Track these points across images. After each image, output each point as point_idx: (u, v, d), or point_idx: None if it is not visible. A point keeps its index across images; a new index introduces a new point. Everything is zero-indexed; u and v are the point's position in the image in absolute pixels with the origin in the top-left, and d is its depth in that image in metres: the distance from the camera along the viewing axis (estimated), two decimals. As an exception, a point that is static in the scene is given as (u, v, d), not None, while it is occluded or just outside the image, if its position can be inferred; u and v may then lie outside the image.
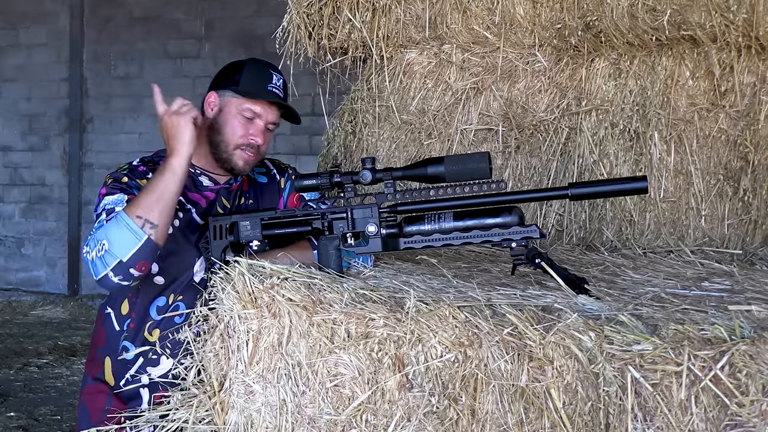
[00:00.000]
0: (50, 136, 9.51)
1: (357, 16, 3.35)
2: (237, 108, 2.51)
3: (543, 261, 2.06)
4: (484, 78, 3.32)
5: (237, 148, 2.50)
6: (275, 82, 2.54)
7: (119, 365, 2.49)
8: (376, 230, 2.20)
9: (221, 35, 8.70)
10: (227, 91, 2.53)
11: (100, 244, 2.22)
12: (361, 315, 1.92)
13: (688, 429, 1.62)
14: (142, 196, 2.26)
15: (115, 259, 2.20)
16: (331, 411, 1.95)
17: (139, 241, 2.21)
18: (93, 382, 2.55)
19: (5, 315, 8.52)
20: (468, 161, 2.13)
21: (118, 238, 2.21)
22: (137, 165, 2.54)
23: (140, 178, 2.46)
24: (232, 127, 2.50)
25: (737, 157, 2.98)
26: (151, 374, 2.45)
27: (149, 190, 2.26)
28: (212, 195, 2.56)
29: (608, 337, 1.69)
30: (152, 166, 2.52)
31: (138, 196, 2.28)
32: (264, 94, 2.51)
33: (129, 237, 2.21)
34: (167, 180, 2.27)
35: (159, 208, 2.24)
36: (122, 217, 2.22)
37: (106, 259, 2.21)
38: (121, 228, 2.21)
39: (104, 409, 2.48)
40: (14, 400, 5.68)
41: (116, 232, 2.21)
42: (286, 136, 8.47)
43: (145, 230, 2.21)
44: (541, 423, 1.76)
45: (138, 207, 2.23)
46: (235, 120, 2.50)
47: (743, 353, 1.57)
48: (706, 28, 2.90)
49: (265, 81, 2.53)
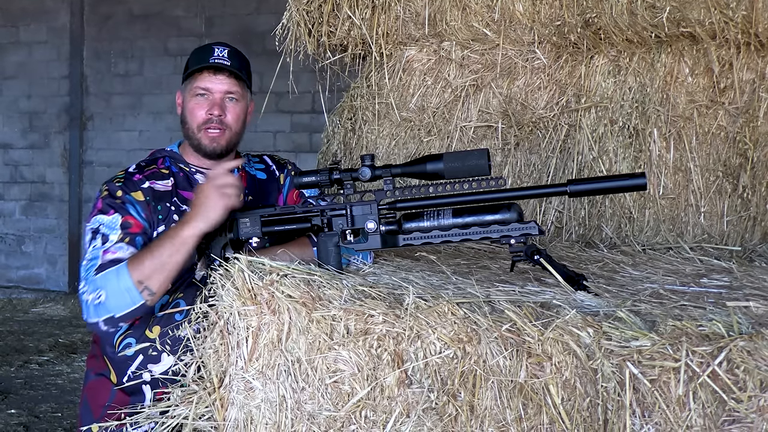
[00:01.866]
0: (50, 134, 9.51)
1: (356, 13, 3.35)
2: (189, 93, 2.54)
3: (542, 257, 2.06)
4: (483, 75, 3.32)
5: (200, 129, 2.53)
6: (218, 54, 2.53)
7: (121, 360, 2.49)
8: (375, 227, 2.20)
9: (221, 33, 8.68)
10: (182, 85, 2.59)
11: (96, 293, 2.27)
12: (361, 311, 1.92)
13: (686, 425, 1.62)
14: (147, 260, 2.26)
15: (109, 314, 2.28)
16: (331, 407, 1.95)
17: (135, 304, 2.28)
18: (95, 378, 2.56)
19: (6, 312, 8.52)
20: (467, 158, 2.13)
21: (115, 295, 2.26)
22: (133, 172, 2.54)
23: (134, 190, 2.47)
24: (190, 112, 2.54)
25: (736, 154, 2.98)
26: (152, 371, 2.45)
27: (155, 256, 2.26)
28: None
29: (606, 333, 1.69)
30: (148, 171, 2.54)
31: (143, 257, 2.28)
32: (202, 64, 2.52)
33: (126, 299, 2.26)
34: (175, 251, 2.26)
35: (161, 278, 2.27)
36: (123, 277, 2.26)
37: (99, 310, 2.28)
38: (121, 288, 2.26)
39: (105, 404, 2.49)
40: (15, 398, 5.68)
41: (115, 289, 2.26)
42: (286, 133, 8.47)
43: (143, 296, 2.27)
44: (539, 419, 1.76)
45: (141, 271, 2.25)
46: (190, 103, 2.54)
47: (741, 349, 1.57)
48: (706, 25, 2.90)
49: (206, 56, 2.54)
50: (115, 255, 2.35)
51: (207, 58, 2.53)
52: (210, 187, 2.27)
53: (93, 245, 2.37)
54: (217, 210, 2.25)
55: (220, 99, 2.52)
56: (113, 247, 2.36)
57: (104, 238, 2.37)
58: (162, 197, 2.51)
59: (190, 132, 2.55)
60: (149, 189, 2.50)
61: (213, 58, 2.52)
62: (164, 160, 2.61)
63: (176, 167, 2.59)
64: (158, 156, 2.63)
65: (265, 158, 2.74)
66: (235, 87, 2.54)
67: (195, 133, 2.53)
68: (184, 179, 2.56)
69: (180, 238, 2.26)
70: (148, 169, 2.56)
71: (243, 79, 2.56)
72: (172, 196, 2.52)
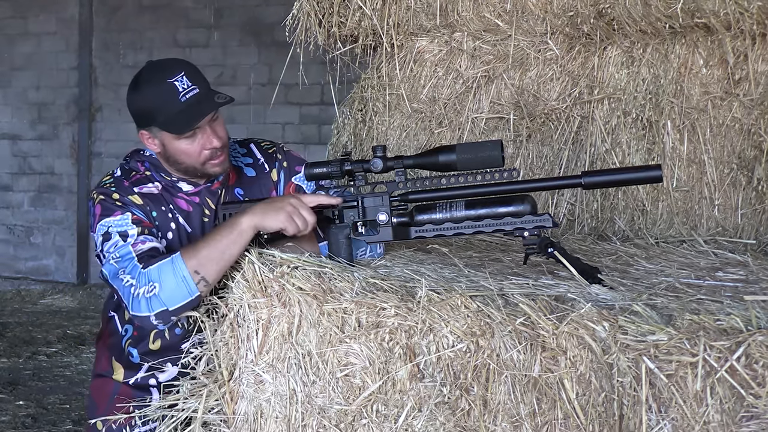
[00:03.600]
0: (59, 125, 9.51)
1: (367, 3, 3.33)
2: (175, 139, 2.32)
3: (555, 250, 2.04)
4: (495, 66, 3.29)
5: (204, 163, 2.36)
6: (183, 88, 2.29)
7: (128, 365, 2.48)
8: (386, 219, 2.18)
9: (230, 24, 8.67)
10: (153, 127, 2.35)
11: (150, 285, 2.13)
12: (372, 304, 1.91)
13: (704, 420, 1.60)
14: (204, 249, 2.15)
15: (162, 307, 2.13)
16: (342, 401, 1.94)
17: (191, 296, 2.14)
18: (98, 376, 2.56)
19: (14, 304, 8.54)
20: (480, 149, 2.11)
21: (170, 286, 2.13)
22: (120, 177, 2.41)
23: (130, 194, 2.35)
24: (185, 154, 2.34)
25: (751, 146, 2.95)
26: (159, 378, 2.44)
27: (212, 245, 2.15)
28: (196, 198, 2.44)
29: (622, 327, 1.67)
30: (134, 177, 2.41)
31: (199, 246, 2.17)
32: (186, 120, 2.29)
33: (182, 290, 2.13)
34: (233, 241, 2.15)
35: (218, 267, 2.15)
36: (179, 266, 2.14)
37: (152, 303, 2.13)
38: (177, 277, 2.13)
39: (111, 396, 2.47)
40: (23, 389, 5.69)
41: (170, 279, 2.13)
42: (295, 125, 8.45)
43: (199, 287, 2.14)
44: (553, 414, 1.74)
45: (197, 259, 2.14)
46: (181, 147, 2.33)
47: (760, 344, 1.55)
48: (720, 16, 2.87)
49: (174, 96, 2.29)
50: (147, 245, 2.24)
51: (178, 99, 2.28)
52: (291, 203, 2.17)
53: (114, 245, 2.24)
54: (279, 221, 2.15)
55: (210, 130, 2.32)
56: (140, 239, 2.25)
57: (123, 235, 2.25)
58: (155, 201, 2.39)
59: (190, 169, 2.38)
60: (141, 194, 2.37)
61: (183, 96, 2.28)
62: (144, 164, 2.44)
63: (158, 175, 2.43)
64: (137, 160, 2.46)
65: (251, 148, 2.58)
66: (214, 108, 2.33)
67: (196, 168, 2.36)
68: (165, 191, 2.42)
69: (239, 228, 2.15)
70: (133, 174, 2.42)
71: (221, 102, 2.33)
72: (167, 202, 2.41)
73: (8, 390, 5.61)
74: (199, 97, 2.30)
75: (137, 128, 2.41)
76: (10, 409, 5.26)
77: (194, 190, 2.44)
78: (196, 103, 2.30)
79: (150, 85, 2.34)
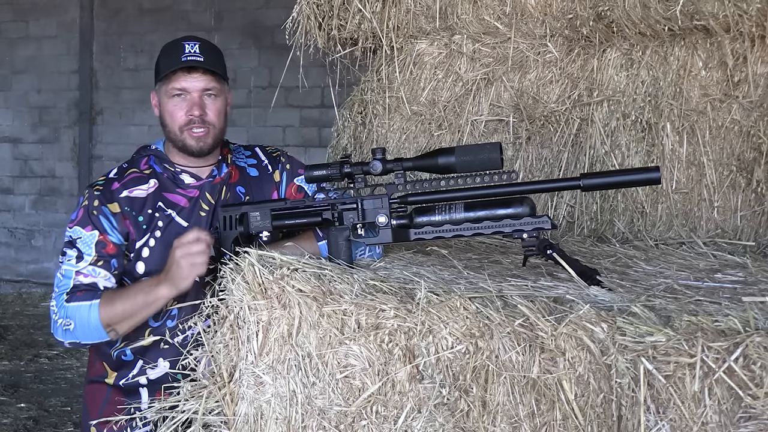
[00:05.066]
0: (60, 128, 9.52)
1: (367, 6, 3.33)
2: (166, 94, 2.47)
3: (554, 252, 2.05)
4: (494, 69, 3.30)
5: (183, 130, 2.46)
6: (189, 50, 2.44)
7: (119, 365, 2.50)
8: (386, 221, 2.18)
9: (231, 27, 8.68)
10: (156, 85, 2.52)
11: (66, 321, 2.36)
12: (372, 306, 1.91)
13: (702, 421, 1.60)
14: (119, 307, 2.33)
15: (76, 340, 2.38)
16: (341, 402, 1.94)
17: (101, 339, 2.39)
18: (90, 382, 2.57)
19: (16, 306, 8.54)
20: (479, 151, 2.11)
21: (84, 330, 2.35)
22: (113, 179, 2.50)
23: (110, 202, 2.45)
24: (169, 113, 2.47)
25: (750, 148, 2.95)
26: (149, 376, 2.47)
27: (126, 306, 2.33)
28: (195, 192, 2.50)
29: (621, 328, 1.68)
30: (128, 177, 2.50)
31: (116, 303, 2.34)
32: (176, 65, 2.44)
33: (93, 332, 2.35)
34: (146, 306, 2.33)
35: (128, 325, 2.36)
36: (94, 316, 2.33)
37: (67, 335, 2.37)
38: (90, 326, 2.34)
39: (102, 404, 2.49)
40: (25, 392, 5.69)
41: (84, 324, 2.34)
42: (295, 128, 8.46)
43: (109, 335, 2.37)
44: (552, 415, 1.75)
45: (111, 316, 2.33)
46: (168, 105, 2.47)
47: (757, 345, 1.55)
48: (720, 18, 2.87)
49: (177, 54, 2.45)
50: (88, 279, 2.40)
51: (179, 57, 2.43)
52: (180, 257, 2.26)
53: (68, 259, 2.42)
54: (187, 280, 2.27)
55: (198, 98, 2.45)
56: (86, 269, 2.40)
57: (79, 256, 2.41)
58: (143, 206, 2.46)
59: (173, 134, 2.48)
60: (126, 199, 2.45)
61: (185, 56, 2.43)
62: (149, 159, 2.55)
63: (161, 167, 2.52)
64: (143, 155, 2.57)
65: (256, 151, 2.66)
66: (212, 83, 2.46)
67: (178, 134, 2.47)
68: (169, 180, 2.51)
69: (154, 295, 2.31)
70: (129, 173, 2.51)
71: (219, 73, 2.49)
72: (155, 201, 2.47)
73: (10, 393, 5.61)
74: (198, 62, 2.44)
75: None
76: (12, 411, 5.26)
77: (196, 183, 2.51)
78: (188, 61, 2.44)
79: (166, 46, 2.51)
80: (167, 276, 2.28)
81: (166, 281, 2.28)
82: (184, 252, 2.25)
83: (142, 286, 2.35)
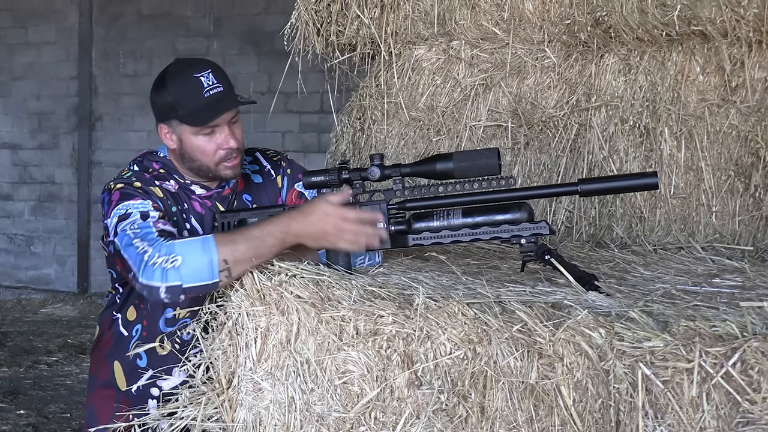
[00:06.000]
0: (59, 134, 9.52)
1: (365, 12, 3.34)
2: (194, 134, 2.36)
3: (553, 257, 2.05)
4: (493, 74, 3.30)
5: (218, 164, 2.38)
6: (208, 84, 2.33)
7: (131, 370, 2.47)
8: (384, 227, 2.19)
9: (230, 33, 8.69)
10: (173, 121, 2.38)
11: (172, 257, 2.05)
12: (370, 312, 1.91)
13: (700, 426, 1.60)
14: (241, 242, 2.08)
15: (178, 281, 2.05)
16: (340, 408, 1.94)
17: (209, 280, 2.07)
18: (101, 386, 2.53)
19: (15, 313, 8.54)
20: (477, 157, 2.12)
21: (194, 264, 2.06)
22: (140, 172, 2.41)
23: (152, 185, 2.36)
24: (201, 151, 2.37)
25: (748, 153, 2.96)
26: (162, 387, 2.43)
27: (250, 242, 2.08)
28: (208, 203, 2.47)
29: (619, 333, 1.68)
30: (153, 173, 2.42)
31: (237, 237, 2.11)
32: (207, 114, 2.32)
33: (204, 271, 2.06)
34: (273, 248, 2.10)
35: (247, 266, 2.09)
36: (210, 248, 2.06)
37: (168, 274, 2.05)
38: (203, 258, 2.06)
39: (113, 411, 2.46)
40: (24, 398, 5.69)
41: (196, 257, 2.06)
42: (294, 133, 8.47)
43: (221, 275, 2.06)
44: (551, 420, 1.75)
45: (231, 251, 2.06)
46: (198, 143, 2.36)
47: (755, 350, 1.55)
48: (717, 23, 2.88)
49: (198, 91, 2.32)
50: (168, 227, 2.20)
51: (202, 95, 2.31)
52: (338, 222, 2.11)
53: (132, 222, 2.19)
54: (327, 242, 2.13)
55: (229, 130, 2.36)
56: (162, 221, 2.22)
57: (144, 215, 2.20)
58: (174, 198, 2.41)
59: (203, 168, 2.39)
60: (162, 189, 2.39)
61: (207, 92, 2.31)
62: (157, 163, 2.47)
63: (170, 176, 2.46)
64: (152, 159, 2.48)
65: (258, 156, 2.62)
66: (235, 110, 2.39)
67: (210, 167, 2.38)
68: (181, 190, 2.45)
69: (284, 239, 2.11)
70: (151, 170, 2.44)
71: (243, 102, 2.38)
72: (183, 201, 2.43)
73: (9, 399, 5.61)
74: (222, 94, 2.34)
75: (156, 122, 2.43)
76: (11, 418, 5.26)
77: (206, 194, 2.48)
78: (219, 99, 2.34)
79: (176, 80, 2.37)
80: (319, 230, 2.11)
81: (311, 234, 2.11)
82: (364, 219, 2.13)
83: (274, 222, 2.14)
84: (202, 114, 2.33)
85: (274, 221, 2.15)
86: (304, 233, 2.11)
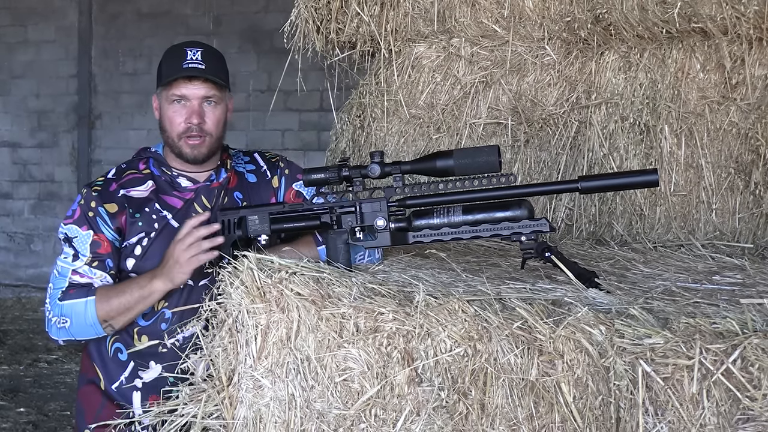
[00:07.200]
0: (59, 133, 9.51)
1: (365, 9, 3.34)
2: (166, 100, 2.47)
3: (553, 255, 2.05)
4: (493, 72, 3.30)
5: (180, 138, 2.46)
6: (191, 57, 2.44)
7: (112, 367, 2.49)
8: (384, 224, 2.19)
9: (229, 31, 8.68)
10: (158, 89, 2.51)
11: (62, 319, 2.38)
12: (370, 309, 1.91)
13: (700, 423, 1.61)
14: (115, 301, 2.36)
15: (71, 337, 2.41)
16: (340, 405, 1.94)
17: (97, 335, 2.41)
18: (86, 384, 2.55)
19: (15, 311, 8.54)
20: (477, 155, 2.12)
21: (80, 327, 2.38)
22: (111, 179, 2.51)
23: (108, 202, 2.45)
24: (168, 119, 2.47)
25: (748, 151, 2.96)
26: (143, 378, 2.46)
27: (122, 299, 2.36)
28: (190, 194, 2.51)
29: (619, 330, 1.68)
30: (126, 177, 2.51)
31: (111, 297, 2.36)
32: (177, 72, 2.43)
33: (89, 328, 2.38)
34: (142, 299, 2.36)
35: (124, 319, 2.39)
36: (90, 312, 2.36)
37: (62, 333, 2.40)
38: (86, 322, 2.37)
39: (98, 409, 2.48)
40: (24, 396, 5.69)
41: (81, 321, 2.37)
42: (294, 131, 8.46)
43: (105, 331, 2.40)
44: (551, 417, 1.75)
45: (107, 311, 2.36)
46: (168, 111, 2.47)
47: (755, 347, 1.55)
48: (717, 21, 2.88)
49: (179, 60, 2.44)
50: (84, 279, 2.41)
51: (180, 64, 2.43)
52: (179, 250, 2.29)
53: (64, 256, 2.44)
54: (184, 274, 2.30)
55: (197, 105, 2.44)
56: (82, 269, 2.41)
57: (75, 255, 2.42)
58: (141, 205, 2.47)
59: (170, 140, 2.48)
60: (124, 198, 2.47)
61: (187, 63, 2.43)
62: (147, 161, 2.55)
63: (159, 170, 2.53)
64: (142, 156, 2.58)
65: (255, 157, 2.66)
66: (212, 90, 2.46)
67: (175, 141, 2.46)
68: (167, 183, 2.51)
69: (149, 289, 2.34)
70: (126, 174, 2.52)
71: (219, 82, 2.47)
72: (152, 202, 2.48)
73: (9, 397, 5.61)
74: (199, 70, 2.43)
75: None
76: (11, 416, 5.26)
77: (193, 186, 2.52)
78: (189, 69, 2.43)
79: (171, 49, 2.52)
80: (163, 270, 2.32)
81: (162, 275, 2.32)
82: (184, 244, 2.28)
83: (137, 281, 2.38)
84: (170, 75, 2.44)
85: (145, 273, 2.40)
86: (161, 273, 2.33)
